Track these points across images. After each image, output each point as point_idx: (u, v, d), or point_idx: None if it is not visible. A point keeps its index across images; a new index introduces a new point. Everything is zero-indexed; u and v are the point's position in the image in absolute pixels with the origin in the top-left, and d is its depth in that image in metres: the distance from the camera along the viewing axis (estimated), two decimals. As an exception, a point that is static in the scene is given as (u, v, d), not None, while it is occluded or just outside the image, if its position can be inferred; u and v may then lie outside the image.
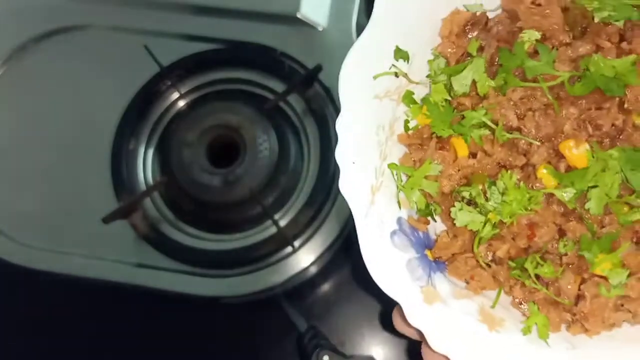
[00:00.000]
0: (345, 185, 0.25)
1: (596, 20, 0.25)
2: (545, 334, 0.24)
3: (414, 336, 0.25)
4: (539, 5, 0.25)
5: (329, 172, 0.52)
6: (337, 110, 0.54)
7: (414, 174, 0.25)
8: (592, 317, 0.24)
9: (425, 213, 0.26)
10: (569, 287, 0.24)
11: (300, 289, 0.59)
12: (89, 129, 0.56)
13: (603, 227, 0.24)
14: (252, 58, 0.57)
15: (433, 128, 0.26)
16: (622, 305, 0.25)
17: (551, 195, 0.25)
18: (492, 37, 0.26)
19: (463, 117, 0.25)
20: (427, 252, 0.26)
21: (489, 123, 0.25)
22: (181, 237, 0.54)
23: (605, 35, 0.25)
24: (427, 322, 0.23)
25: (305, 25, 0.56)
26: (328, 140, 0.53)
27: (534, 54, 0.25)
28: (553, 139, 0.25)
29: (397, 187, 0.26)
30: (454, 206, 0.25)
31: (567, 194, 0.24)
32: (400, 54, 0.26)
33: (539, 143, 0.25)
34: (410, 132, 0.27)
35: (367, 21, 0.27)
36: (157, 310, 0.59)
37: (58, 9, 0.59)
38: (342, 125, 0.25)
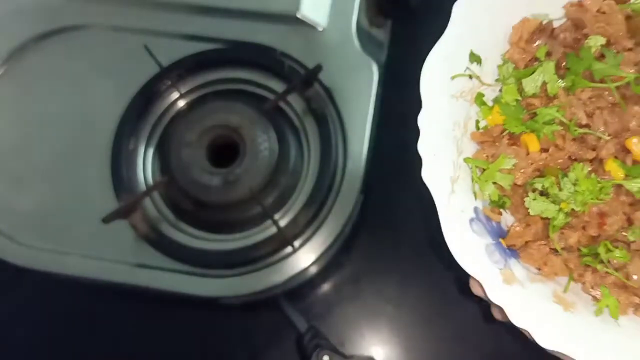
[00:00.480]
0: (428, 175, 0.28)
1: None
2: (616, 314, 0.26)
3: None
4: (603, 12, 0.27)
5: (329, 172, 0.52)
6: (337, 110, 0.55)
7: (489, 167, 0.28)
8: None
9: (498, 205, 0.29)
10: (638, 271, 0.26)
11: (300, 289, 0.59)
12: (89, 128, 0.56)
13: None
14: (252, 58, 0.57)
15: (506, 125, 0.28)
16: None
17: (620, 186, 0.26)
18: (559, 44, 0.29)
19: (534, 116, 0.27)
20: (501, 241, 0.28)
21: (562, 119, 0.27)
22: (181, 237, 0.53)
23: None
24: (508, 300, 0.26)
25: (305, 25, 0.56)
26: (328, 140, 0.53)
27: (600, 57, 0.27)
28: (620, 135, 0.27)
29: (473, 179, 0.29)
30: (527, 196, 0.27)
31: (635, 185, 0.26)
32: (474, 57, 0.29)
33: (608, 138, 0.27)
34: (479, 131, 0.30)
35: (367, 22, 0.27)
36: (156, 310, 0.59)
37: (58, 9, 0.59)
38: (424, 119, 0.29)
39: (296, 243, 0.52)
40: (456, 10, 0.29)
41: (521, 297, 0.26)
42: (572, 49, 0.28)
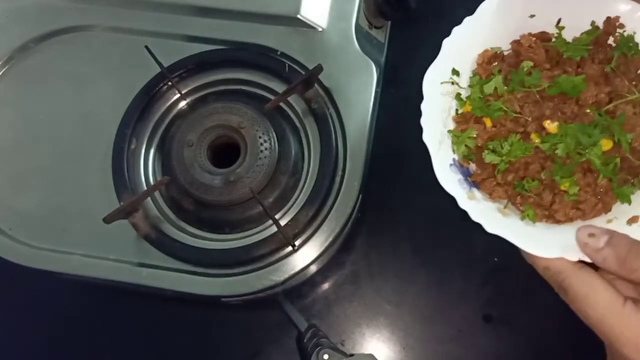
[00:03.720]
0: (426, 137, 0.43)
1: (565, 56, 0.46)
2: (534, 220, 0.43)
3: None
4: (532, 47, 0.46)
5: (329, 172, 0.53)
6: (337, 110, 0.55)
7: (462, 135, 0.45)
8: (559, 212, 0.43)
9: (467, 157, 0.46)
10: (547, 196, 0.43)
11: (301, 288, 0.59)
12: (90, 129, 0.57)
13: (565, 163, 0.44)
14: (252, 59, 0.57)
15: (473, 111, 0.46)
16: (577, 207, 0.43)
17: (537, 147, 0.44)
18: (506, 65, 0.47)
19: (489, 106, 0.46)
20: (468, 178, 0.45)
21: (505, 108, 0.45)
22: (182, 237, 0.54)
23: (569, 64, 0.46)
24: (470, 207, 0.42)
25: (305, 26, 0.57)
26: (328, 140, 0.54)
27: (529, 74, 0.45)
28: (539, 119, 0.45)
29: (452, 142, 0.45)
30: (484, 152, 0.45)
31: (545, 145, 0.43)
32: (455, 71, 0.46)
33: (531, 120, 0.45)
34: (457, 115, 0.47)
35: (367, 23, 0.32)
36: (157, 309, 0.60)
37: (59, 10, 0.60)
38: (425, 106, 0.44)
39: (296, 242, 0.52)
40: (445, 42, 0.46)
41: (478, 207, 0.43)
42: (513, 68, 0.46)
